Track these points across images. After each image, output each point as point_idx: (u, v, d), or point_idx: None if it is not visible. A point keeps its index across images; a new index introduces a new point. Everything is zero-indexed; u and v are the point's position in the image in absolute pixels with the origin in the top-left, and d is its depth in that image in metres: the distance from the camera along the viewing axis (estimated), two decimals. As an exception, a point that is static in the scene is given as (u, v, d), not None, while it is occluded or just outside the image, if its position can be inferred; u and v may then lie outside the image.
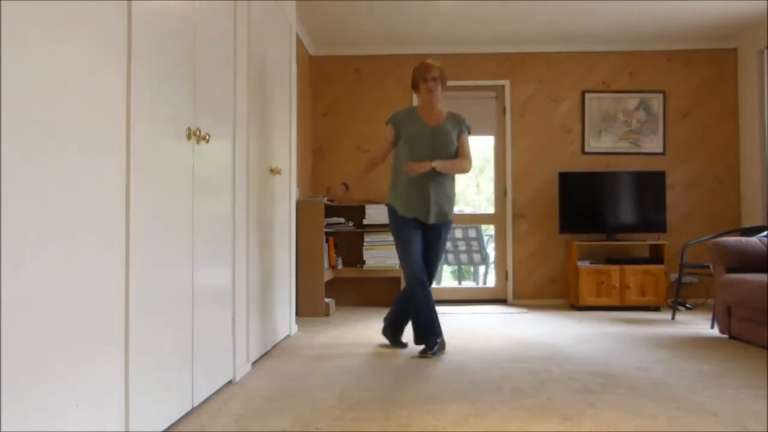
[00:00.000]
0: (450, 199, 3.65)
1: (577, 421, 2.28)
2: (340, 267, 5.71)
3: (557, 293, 6.01)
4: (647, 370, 3.13)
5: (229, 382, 2.87)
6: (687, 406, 2.49)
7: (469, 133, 3.72)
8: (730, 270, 4.09)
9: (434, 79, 3.63)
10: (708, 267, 4.57)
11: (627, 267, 5.49)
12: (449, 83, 6.03)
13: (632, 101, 6.07)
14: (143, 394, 1.96)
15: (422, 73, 3.65)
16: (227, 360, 2.83)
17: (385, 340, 3.90)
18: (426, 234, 3.65)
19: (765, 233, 4.38)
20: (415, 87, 3.74)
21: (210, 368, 2.59)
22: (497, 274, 6.17)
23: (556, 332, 4.33)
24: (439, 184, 3.59)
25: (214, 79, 2.66)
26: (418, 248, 3.60)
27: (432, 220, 3.59)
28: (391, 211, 3.69)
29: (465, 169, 3.67)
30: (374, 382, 2.91)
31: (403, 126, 3.68)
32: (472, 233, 6.89)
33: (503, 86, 6.13)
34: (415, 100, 6.09)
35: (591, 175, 5.80)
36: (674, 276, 5.52)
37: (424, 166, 3.51)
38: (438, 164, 3.53)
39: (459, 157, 3.66)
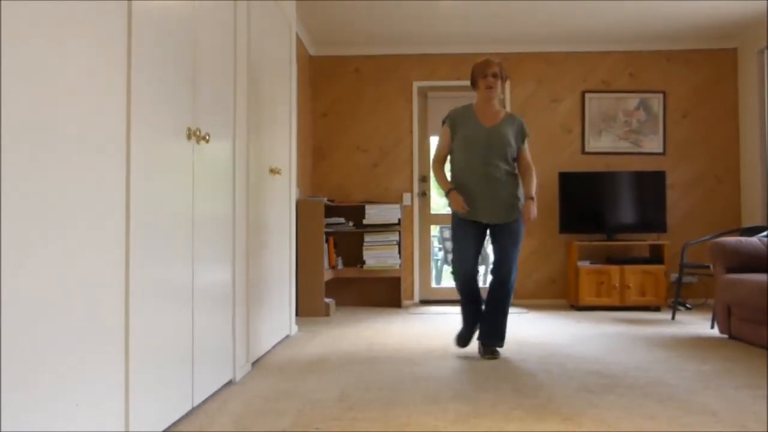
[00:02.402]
0: (513, 197, 3.47)
1: (577, 421, 2.28)
2: (340, 267, 5.71)
3: (557, 293, 6.01)
4: (647, 370, 3.13)
5: (229, 382, 2.88)
6: (687, 406, 2.49)
7: (528, 137, 3.61)
8: (730, 270, 4.08)
9: (494, 75, 3.50)
10: (708, 267, 4.57)
11: (627, 267, 5.49)
12: (451, 83, 6.13)
13: (632, 101, 6.07)
14: (143, 394, 1.96)
15: (482, 69, 3.53)
16: (227, 360, 2.83)
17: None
18: (492, 233, 3.51)
19: (765, 233, 4.38)
20: (473, 83, 3.61)
21: (210, 368, 2.59)
22: (497, 274, 6.17)
23: (556, 332, 4.33)
24: (497, 183, 3.44)
25: (214, 79, 2.66)
26: (471, 249, 3.48)
27: (493, 221, 3.46)
28: (453, 213, 3.56)
29: (537, 181, 3.68)
30: (374, 382, 2.91)
31: (459, 125, 3.54)
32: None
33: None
34: (416, 103, 6.12)
35: (591, 175, 5.80)
36: (674, 276, 5.52)
37: (532, 211, 3.43)
38: (534, 198, 3.47)
39: (522, 167, 3.56)
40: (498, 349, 3.50)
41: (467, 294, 3.55)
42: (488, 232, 3.55)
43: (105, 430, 1.74)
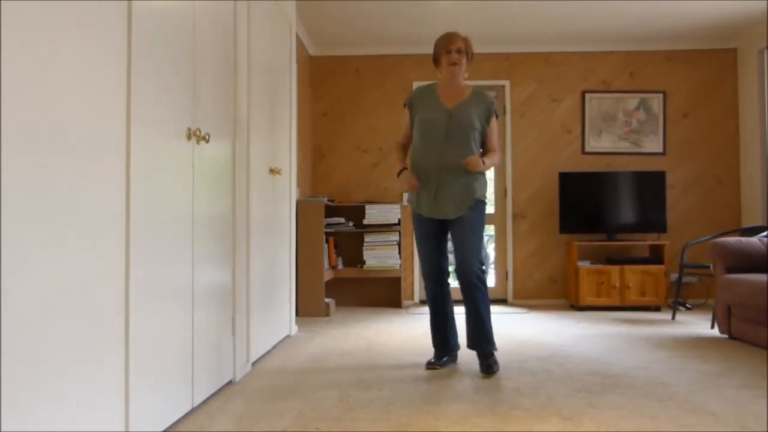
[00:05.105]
0: (467, 190, 3.10)
1: (577, 421, 2.28)
2: (340, 267, 5.71)
3: (557, 293, 6.01)
4: (647, 370, 3.13)
5: (229, 382, 2.88)
6: (687, 406, 2.49)
7: (497, 117, 3.25)
8: (730, 270, 4.08)
9: (459, 51, 3.14)
10: (708, 267, 4.57)
11: (627, 267, 5.49)
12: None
13: (632, 101, 6.07)
14: (143, 394, 1.96)
15: (445, 44, 3.16)
16: (227, 360, 2.83)
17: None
18: (449, 227, 3.19)
19: (765, 233, 4.38)
20: (436, 61, 3.24)
21: (210, 368, 2.59)
22: (497, 274, 6.17)
23: (556, 332, 4.33)
24: (454, 174, 3.10)
25: (214, 79, 2.66)
26: (433, 249, 3.22)
27: (442, 216, 3.14)
28: (412, 212, 3.30)
29: (497, 164, 3.20)
30: (374, 382, 2.91)
31: (418, 106, 3.20)
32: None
33: (503, 86, 6.13)
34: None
35: (591, 175, 5.80)
36: (674, 276, 5.52)
37: (478, 166, 3.03)
38: (486, 166, 3.09)
39: (488, 150, 3.20)
40: (495, 361, 3.10)
41: (434, 303, 3.29)
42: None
43: (105, 430, 1.74)
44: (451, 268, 3.42)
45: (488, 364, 3.06)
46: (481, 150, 3.22)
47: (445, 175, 3.11)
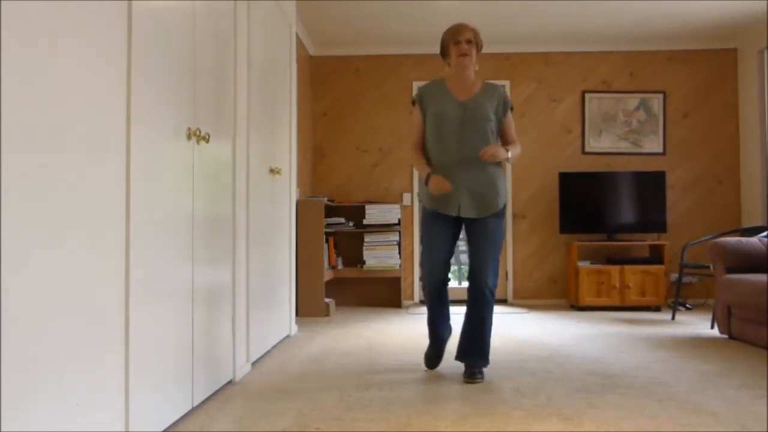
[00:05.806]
0: (491, 186, 2.99)
1: (576, 421, 2.28)
2: (340, 267, 5.71)
3: (557, 293, 6.01)
4: (647, 370, 3.13)
5: (229, 382, 2.88)
6: (687, 406, 2.49)
7: (512, 110, 3.16)
8: (730, 270, 4.08)
9: (468, 42, 3.02)
10: (708, 267, 4.57)
11: (627, 267, 5.49)
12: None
13: (632, 101, 6.07)
14: (143, 394, 1.96)
15: (454, 34, 3.04)
16: (227, 360, 2.83)
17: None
18: (467, 231, 3.06)
19: (765, 233, 4.38)
20: (444, 53, 3.12)
21: (210, 368, 2.59)
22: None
23: (556, 332, 4.33)
24: (474, 169, 2.98)
25: (214, 79, 2.66)
26: (441, 251, 3.05)
27: (464, 213, 2.98)
28: (421, 205, 3.16)
29: (518, 154, 3.12)
30: (374, 382, 2.91)
31: (429, 101, 3.08)
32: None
33: (503, 86, 6.10)
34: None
35: (591, 175, 5.80)
36: (674, 276, 5.52)
37: (499, 154, 2.92)
38: (510, 154, 2.99)
39: (508, 143, 3.11)
40: (481, 371, 2.96)
41: (434, 306, 3.14)
42: (463, 229, 3.11)
43: (105, 430, 1.74)
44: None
45: (473, 372, 2.93)
46: (498, 141, 3.12)
47: (464, 171, 2.98)
